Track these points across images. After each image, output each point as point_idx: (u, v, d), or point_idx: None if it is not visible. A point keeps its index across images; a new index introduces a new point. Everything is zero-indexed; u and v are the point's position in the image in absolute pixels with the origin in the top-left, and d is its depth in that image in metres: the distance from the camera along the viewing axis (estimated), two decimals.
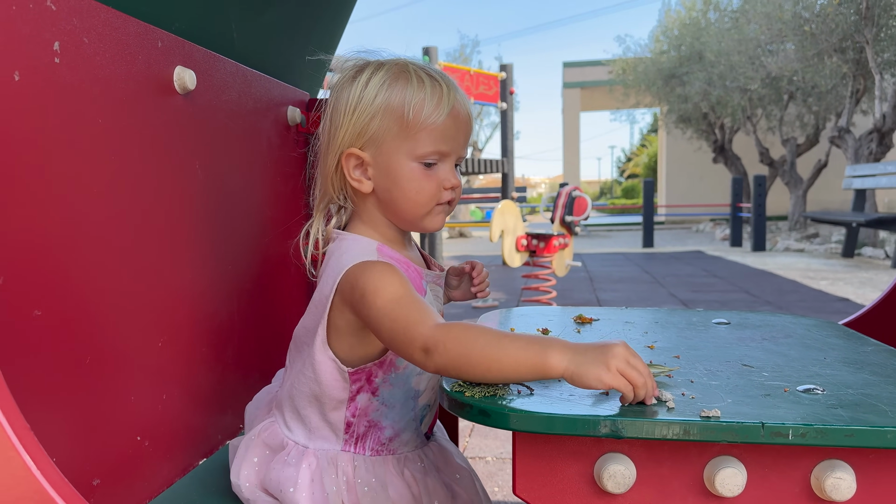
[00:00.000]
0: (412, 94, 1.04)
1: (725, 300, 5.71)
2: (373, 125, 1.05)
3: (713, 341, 1.15)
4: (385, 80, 1.05)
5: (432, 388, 1.15)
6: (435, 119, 1.04)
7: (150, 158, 1.13)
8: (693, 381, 0.91)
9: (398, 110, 1.04)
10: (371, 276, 0.98)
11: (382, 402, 1.09)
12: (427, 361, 0.89)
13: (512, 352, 0.84)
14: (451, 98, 1.06)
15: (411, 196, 1.06)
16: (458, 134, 1.08)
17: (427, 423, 1.19)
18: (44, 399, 0.91)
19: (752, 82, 12.51)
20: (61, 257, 0.93)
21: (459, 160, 1.11)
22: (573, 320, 1.32)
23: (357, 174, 1.07)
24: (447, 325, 0.90)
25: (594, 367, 0.80)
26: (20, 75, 0.85)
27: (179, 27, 1.21)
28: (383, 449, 1.11)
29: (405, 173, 1.05)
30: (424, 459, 1.16)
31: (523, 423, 0.78)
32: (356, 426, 1.09)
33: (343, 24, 1.92)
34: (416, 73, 1.06)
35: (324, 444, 1.10)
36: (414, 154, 1.05)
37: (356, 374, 1.06)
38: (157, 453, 1.15)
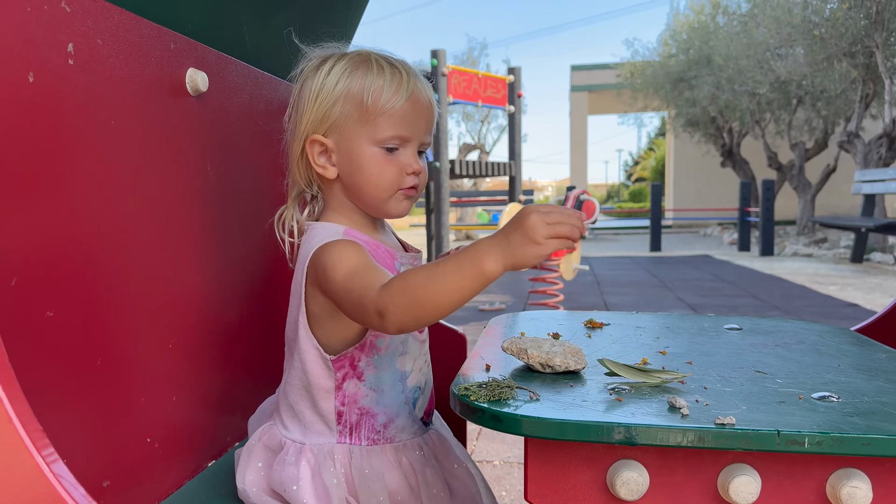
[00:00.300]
0: (371, 80, 1.07)
1: (733, 305, 5.69)
2: (334, 111, 1.08)
3: (725, 347, 1.14)
4: (346, 68, 1.09)
5: (419, 368, 1.17)
6: (394, 104, 1.07)
7: (163, 160, 1.13)
8: (706, 387, 0.90)
9: (358, 96, 1.07)
10: (330, 254, 1.02)
11: (370, 387, 1.10)
12: (385, 324, 0.92)
13: (450, 276, 0.87)
14: (410, 84, 1.09)
15: (373, 180, 1.09)
16: (419, 119, 1.11)
17: (421, 407, 1.18)
18: (55, 400, 0.91)
19: (760, 86, 12.46)
20: (74, 258, 0.93)
21: (423, 147, 1.14)
22: (583, 325, 1.31)
23: (322, 160, 1.11)
24: (388, 282, 0.92)
25: (525, 249, 0.84)
26: (35, 76, 0.86)
27: (192, 29, 1.21)
28: (379, 437, 1.12)
29: (366, 158, 1.08)
30: (424, 447, 1.16)
31: (536, 429, 0.78)
32: (347, 415, 1.10)
33: (354, 26, 1.92)
34: (376, 61, 1.10)
35: (319, 438, 1.11)
36: (374, 139, 1.08)
37: (339, 360, 1.08)
38: (167, 455, 1.15)
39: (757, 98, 13.19)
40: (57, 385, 0.91)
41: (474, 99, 8.81)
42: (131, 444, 1.06)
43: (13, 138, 0.83)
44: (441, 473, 1.15)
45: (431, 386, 1.23)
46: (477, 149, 20.85)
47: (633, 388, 0.89)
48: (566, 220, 0.84)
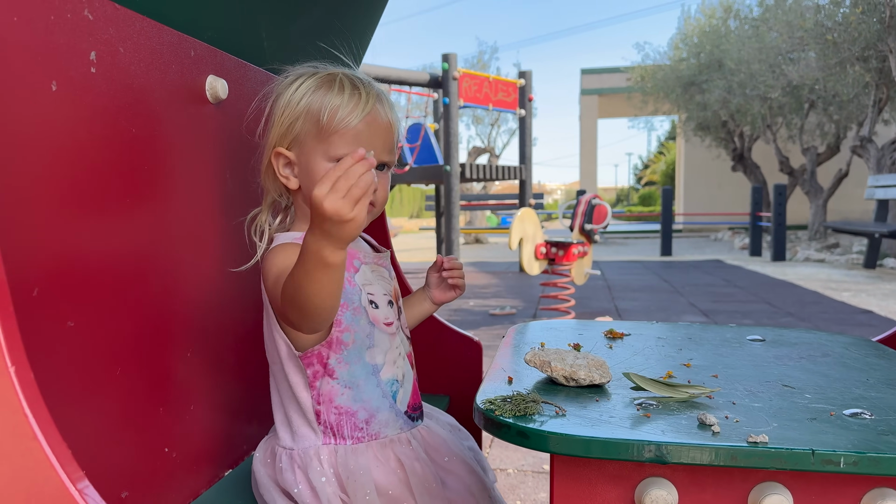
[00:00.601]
0: (330, 99, 1.11)
1: (746, 311, 5.65)
2: (296, 126, 1.13)
3: (750, 360, 1.12)
4: (312, 86, 1.14)
5: (393, 361, 1.19)
6: (348, 123, 1.11)
7: (182, 168, 1.13)
8: (735, 402, 0.88)
9: (316, 114, 1.11)
10: (268, 259, 1.09)
11: (344, 384, 1.13)
12: (299, 328, 1.03)
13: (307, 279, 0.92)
14: (367, 106, 1.12)
15: None
16: (374, 139, 1.13)
17: (403, 400, 1.20)
18: (74, 410, 0.90)
19: (772, 91, 12.41)
20: (94, 268, 0.93)
21: (387, 165, 1.17)
22: (604, 335, 1.30)
23: (286, 172, 1.15)
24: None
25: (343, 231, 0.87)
26: (57, 85, 0.85)
27: (211, 36, 1.21)
28: (363, 435, 1.14)
29: (320, 172, 1.11)
30: (412, 441, 1.17)
31: (563, 446, 0.76)
32: (325, 415, 1.13)
33: (371, 32, 1.91)
34: (340, 81, 1.14)
35: (304, 442, 1.13)
36: (328, 155, 1.11)
37: (307, 357, 1.11)
38: (185, 465, 1.14)
39: (769, 102, 13.13)
40: (76, 395, 0.90)
41: (485, 102, 8.81)
42: (150, 454, 1.05)
43: (35, 147, 0.82)
44: (432, 467, 1.16)
45: (412, 379, 1.24)
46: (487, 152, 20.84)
47: (660, 403, 0.87)
48: (353, 179, 0.86)
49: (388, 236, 1.82)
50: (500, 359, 1.12)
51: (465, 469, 1.20)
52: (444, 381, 1.77)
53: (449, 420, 1.34)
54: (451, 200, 8.32)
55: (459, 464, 1.20)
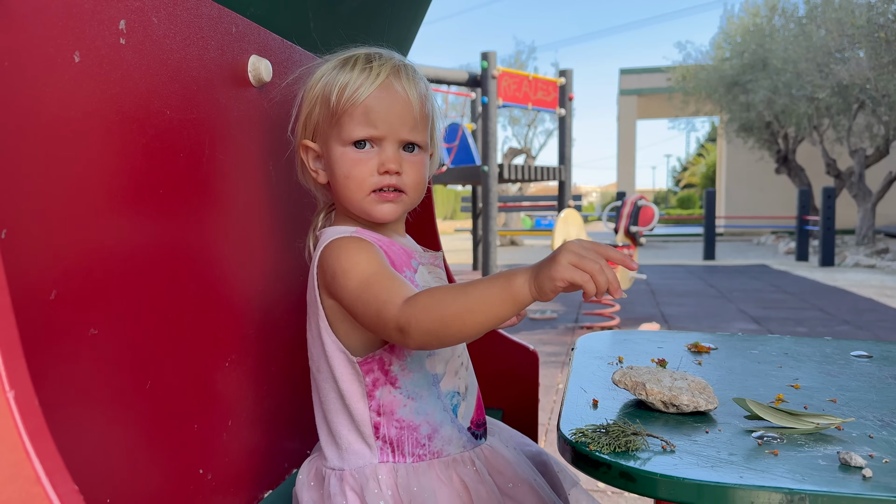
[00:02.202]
0: (340, 77, 1.01)
1: (800, 318, 5.41)
2: (314, 115, 1.04)
3: (866, 380, 0.97)
4: (328, 69, 1.03)
5: (455, 371, 1.07)
6: (355, 99, 0.99)
7: (221, 157, 1.01)
8: (872, 436, 0.74)
9: (327, 96, 1.01)
10: (340, 256, 0.96)
11: (407, 394, 1.01)
12: (406, 340, 0.87)
13: (479, 296, 0.83)
14: (378, 78, 1.00)
15: (341, 182, 1.02)
16: (389, 113, 1.00)
17: (465, 415, 1.08)
18: (99, 429, 0.79)
19: (820, 91, 12.03)
20: (120, 267, 0.81)
21: (416, 143, 1.04)
22: (687, 349, 1.15)
23: (315, 165, 1.06)
24: (412, 297, 0.87)
25: (547, 269, 0.78)
26: (80, 56, 0.74)
27: (254, 12, 1.09)
28: (425, 452, 1.02)
29: (336, 158, 1.02)
30: (476, 462, 1.05)
31: (680, 493, 0.62)
32: (385, 428, 1.00)
33: (418, 23, 1.79)
34: (355, 59, 1.03)
35: (359, 460, 1.01)
36: (341, 138, 1.01)
37: (366, 363, 0.99)
38: (221, 487, 1.02)
39: (815, 103, 12.74)
40: (101, 412, 0.79)
41: (524, 102, 8.66)
42: (182, 476, 0.94)
43: (54, 128, 0.71)
44: (496, 492, 1.03)
45: (476, 393, 1.12)
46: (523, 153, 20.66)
47: (783, 435, 0.73)
48: (597, 256, 0.78)
49: (438, 237, 1.70)
50: (575, 376, 0.99)
51: (533, 496, 1.07)
52: (496, 393, 1.63)
53: (511, 433, 1.22)
54: (488, 201, 8.17)
55: (526, 489, 1.07)
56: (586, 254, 0.78)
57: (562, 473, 1.20)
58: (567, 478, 1.20)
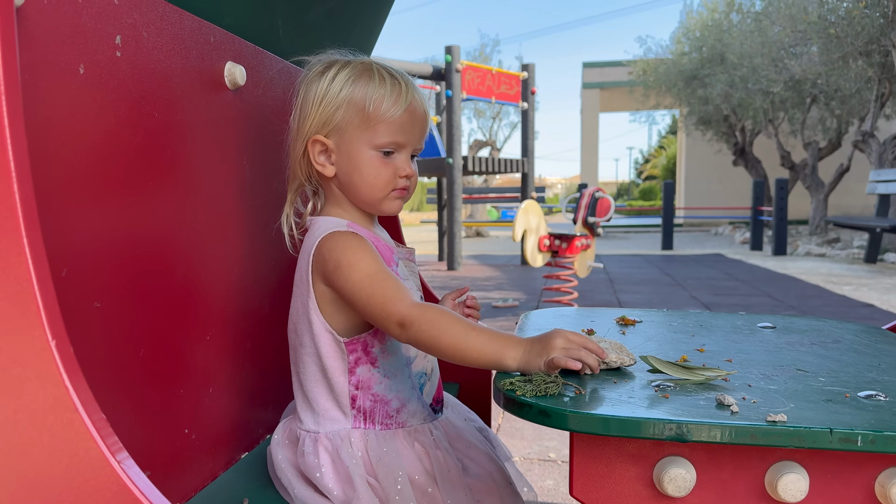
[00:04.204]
0: (373, 90, 1.15)
1: (748, 304, 5.67)
2: (337, 115, 1.15)
3: (762, 345, 1.14)
4: (350, 76, 1.16)
5: (424, 355, 1.23)
6: (393, 113, 1.15)
7: (202, 153, 1.14)
8: (750, 385, 0.90)
9: (360, 103, 1.15)
10: (344, 249, 1.09)
11: (384, 373, 1.16)
12: (401, 334, 1.02)
13: (476, 346, 0.97)
14: (408, 96, 1.17)
15: (370, 181, 1.17)
16: (415, 128, 1.18)
17: (429, 393, 1.24)
18: (99, 390, 0.91)
19: (774, 85, 12.40)
20: (119, 250, 0.94)
21: (416, 152, 1.22)
22: (616, 322, 1.31)
23: (322, 159, 1.18)
24: (422, 306, 1.02)
25: (536, 359, 0.93)
26: (85, 68, 0.86)
27: (230, 23, 1.22)
28: (392, 422, 1.17)
29: (364, 159, 1.16)
30: (434, 432, 1.20)
31: (584, 425, 0.78)
32: (361, 400, 1.15)
33: (381, 21, 1.92)
34: (378, 71, 1.18)
35: (333, 425, 1.15)
36: (373, 143, 1.15)
37: (351, 343, 1.13)
38: (203, 446, 1.15)
39: (771, 97, 13.12)
40: (102, 375, 0.92)
41: (488, 95, 8.80)
42: (171, 435, 1.07)
43: (65, 130, 0.84)
44: (454, 454, 1.19)
45: (438, 374, 1.28)
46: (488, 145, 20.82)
47: (678, 385, 0.89)
48: (580, 351, 0.92)
49: (401, 232, 1.83)
50: None
51: (484, 456, 1.23)
52: (454, 368, 1.78)
53: (461, 407, 1.37)
54: (453, 193, 8.32)
55: (478, 452, 1.23)
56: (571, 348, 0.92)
57: (499, 449, 1.35)
58: (502, 453, 1.35)
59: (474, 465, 1.20)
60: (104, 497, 0.60)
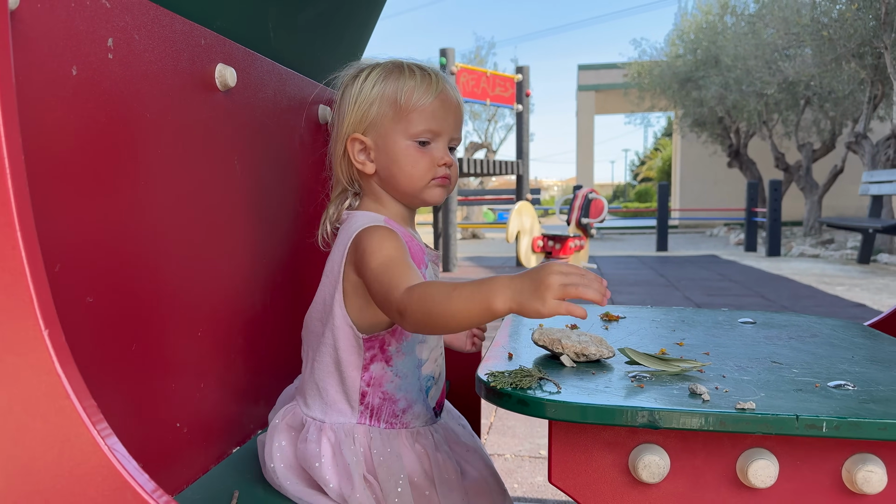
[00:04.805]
0: (404, 82, 1.20)
1: (741, 304, 5.71)
2: (372, 111, 1.20)
3: (741, 339, 1.17)
4: (381, 74, 1.22)
5: (434, 359, 1.25)
6: (424, 101, 1.19)
7: (193, 154, 1.16)
8: (725, 376, 0.93)
9: (392, 96, 1.20)
10: (372, 238, 1.12)
11: (396, 372, 1.18)
12: (403, 322, 1.01)
13: (461, 304, 0.92)
14: (438, 85, 1.21)
15: (408, 170, 1.20)
16: (448, 115, 1.21)
17: (434, 397, 1.26)
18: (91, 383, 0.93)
19: (768, 87, 12.46)
20: (112, 246, 0.96)
21: (454, 142, 1.24)
22: (600, 318, 1.34)
23: (361, 157, 1.22)
24: (412, 287, 0.99)
25: (532, 302, 0.86)
26: (78, 70, 0.89)
27: (220, 25, 1.24)
28: (397, 422, 1.19)
29: (401, 150, 1.19)
30: (434, 435, 1.22)
31: (560, 413, 0.80)
32: (370, 397, 1.17)
33: (372, 24, 1.95)
34: (408, 67, 1.23)
35: (340, 417, 1.17)
36: (408, 133, 1.19)
37: (370, 340, 1.16)
38: (195, 440, 1.18)
39: (765, 98, 13.18)
40: (93, 369, 0.94)
41: (483, 98, 8.83)
42: (162, 428, 1.09)
43: (59, 130, 0.86)
44: (453, 457, 1.21)
45: (444, 379, 1.30)
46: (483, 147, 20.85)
47: (654, 376, 0.92)
48: (584, 281, 0.86)
49: None
50: (500, 338, 1.16)
51: (481, 462, 1.25)
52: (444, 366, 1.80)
53: (457, 415, 1.39)
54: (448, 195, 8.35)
55: (475, 456, 1.25)
56: (571, 279, 0.85)
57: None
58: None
59: (471, 468, 1.22)
60: (95, 480, 0.62)
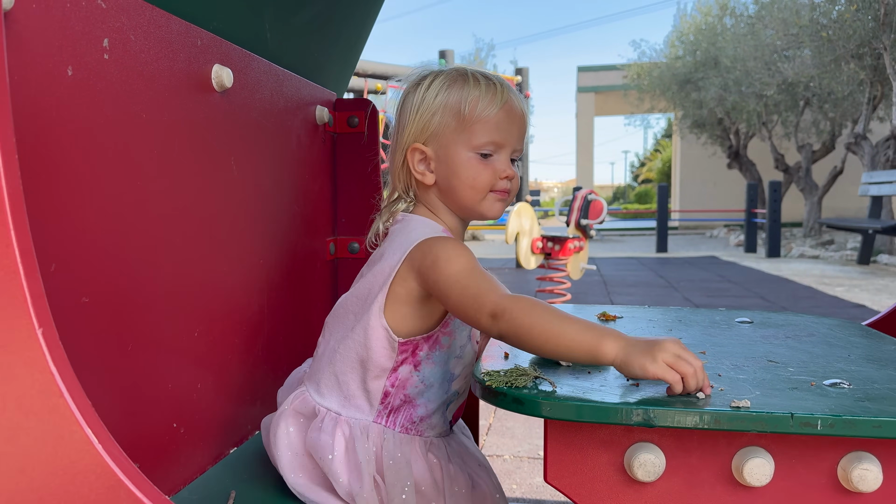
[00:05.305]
0: (468, 91, 1.16)
1: (740, 305, 5.70)
2: (434, 121, 1.16)
3: (737, 339, 1.17)
4: (445, 82, 1.18)
5: (465, 375, 1.22)
6: (489, 112, 1.15)
7: (190, 154, 1.16)
8: (720, 374, 0.93)
9: (456, 106, 1.15)
10: (444, 247, 1.09)
11: (422, 379, 1.16)
12: (493, 326, 0.99)
13: (571, 333, 0.93)
14: (504, 95, 1.17)
15: (468, 183, 1.16)
16: (512, 127, 1.17)
17: (452, 410, 1.24)
18: (87, 384, 0.93)
19: (767, 88, 12.46)
20: (108, 247, 0.97)
21: (516, 154, 1.21)
22: (597, 318, 1.34)
23: (421, 168, 1.18)
24: (516, 296, 1.00)
25: (641, 357, 0.86)
26: (73, 70, 0.89)
27: (217, 26, 1.24)
28: (412, 428, 1.17)
29: (463, 162, 1.16)
30: (448, 447, 1.21)
31: (556, 411, 0.80)
32: (392, 398, 1.15)
33: (370, 25, 1.95)
34: (472, 75, 1.18)
35: (357, 413, 1.15)
36: (470, 144, 1.15)
37: (405, 344, 1.13)
38: (192, 440, 1.18)
39: (764, 100, 13.19)
40: (90, 369, 0.94)
41: None
42: (159, 428, 1.09)
43: (55, 130, 0.86)
44: (465, 469, 1.20)
45: (467, 395, 1.28)
46: None
47: None
48: (695, 364, 0.84)
49: None
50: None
51: (490, 481, 1.24)
52: None
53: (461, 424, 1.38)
54: None
55: (483, 470, 1.24)
56: (685, 357, 0.84)
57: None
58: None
59: (481, 482, 1.21)
60: (89, 479, 0.62)
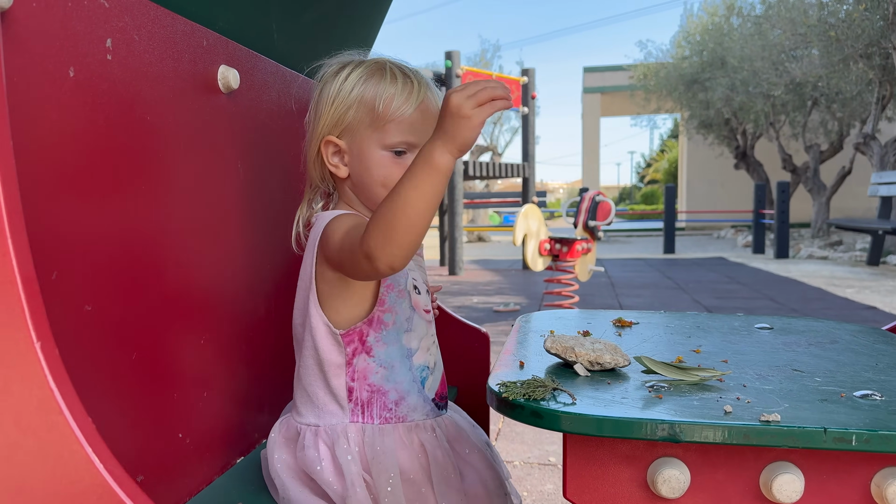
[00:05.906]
0: (384, 88, 1.14)
1: (750, 307, 5.66)
2: (348, 115, 1.15)
3: (759, 346, 1.13)
4: (363, 75, 1.16)
5: (427, 348, 1.22)
6: (403, 112, 1.13)
7: (195, 157, 1.14)
8: (745, 385, 0.89)
9: (371, 102, 1.14)
10: (332, 223, 1.09)
11: (380, 363, 1.15)
12: (376, 264, 0.96)
13: (407, 185, 0.91)
14: (420, 94, 1.15)
15: (380, 181, 1.15)
16: (426, 127, 1.14)
17: (431, 387, 1.22)
18: (91, 394, 0.91)
19: (775, 88, 12.39)
20: (111, 253, 0.94)
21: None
22: (612, 324, 1.30)
23: (335, 160, 1.18)
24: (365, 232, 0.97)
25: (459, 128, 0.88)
26: (75, 71, 0.86)
27: (223, 27, 1.22)
28: (391, 416, 1.15)
29: (375, 159, 1.15)
30: (437, 430, 1.19)
31: (576, 426, 0.77)
32: (358, 392, 1.14)
33: (378, 24, 1.92)
34: (391, 70, 1.16)
35: (331, 419, 1.15)
36: (383, 143, 1.14)
37: (348, 335, 1.13)
38: (198, 451, 1.15)
39: (772, 100, 13.12)
40: (93, 378, 0.91)
41: None
42: (164, 439, 1.06)
43: (56, 133, 0.83)
44: (453, 457, 1.17)
45: (442, 369, 1.27)
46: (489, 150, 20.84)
47: (672, 385, 0.88)
48: (485, 85, 0.88)
49: None
50: (510, 346, 1.13)
51: (484, 463, 1.22)
52: (451, 372, 1.77)
53: (467, 416, 1.36)
54: (454, 198, 8.32)
55: (479, 457, 1.22)
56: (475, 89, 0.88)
57: (500, 465, 1.32)
58: (503, 469, 1.32)
59: (471, 469, 1.19)
60: (90, 499, 0.59)
